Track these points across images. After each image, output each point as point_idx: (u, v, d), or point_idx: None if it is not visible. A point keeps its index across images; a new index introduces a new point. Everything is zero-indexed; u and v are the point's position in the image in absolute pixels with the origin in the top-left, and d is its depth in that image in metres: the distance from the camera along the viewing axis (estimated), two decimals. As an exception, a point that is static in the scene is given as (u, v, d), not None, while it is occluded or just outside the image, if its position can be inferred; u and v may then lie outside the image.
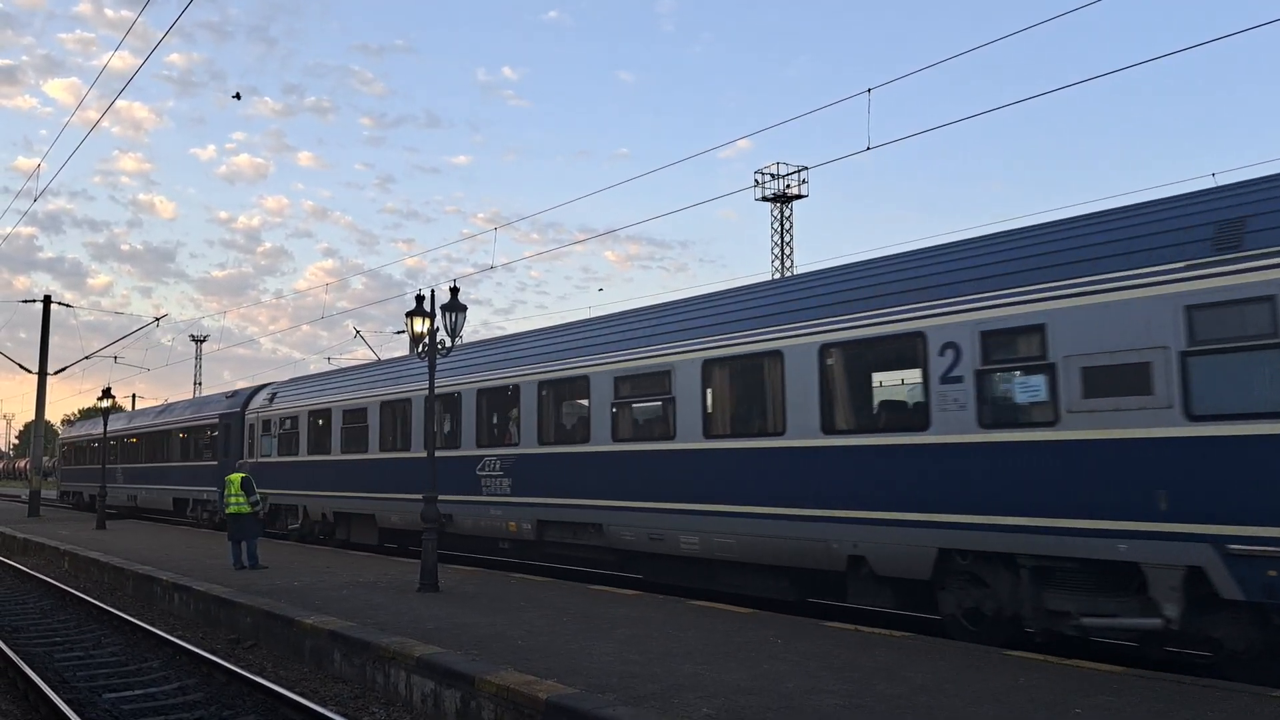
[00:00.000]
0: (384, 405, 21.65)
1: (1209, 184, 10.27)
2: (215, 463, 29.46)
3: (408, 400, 20.78)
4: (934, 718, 7.05)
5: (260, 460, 26.73)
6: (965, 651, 9.52)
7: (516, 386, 17.57)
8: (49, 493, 52.85)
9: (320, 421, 24.47)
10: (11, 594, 18.29)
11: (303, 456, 25.05)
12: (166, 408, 37.37)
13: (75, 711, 8.93)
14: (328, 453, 23.80)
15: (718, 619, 11.59)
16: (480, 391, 18.64)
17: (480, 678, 8.43)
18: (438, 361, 15.22)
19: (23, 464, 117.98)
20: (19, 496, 58.74)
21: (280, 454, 26.21)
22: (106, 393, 32.24)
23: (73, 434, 51.10)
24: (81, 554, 21.76)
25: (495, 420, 18.59)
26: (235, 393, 27.06)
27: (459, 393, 19.18)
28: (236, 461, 23.12)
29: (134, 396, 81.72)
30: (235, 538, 18.01)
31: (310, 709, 8.73)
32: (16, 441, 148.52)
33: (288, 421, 26.03)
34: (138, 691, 10.12)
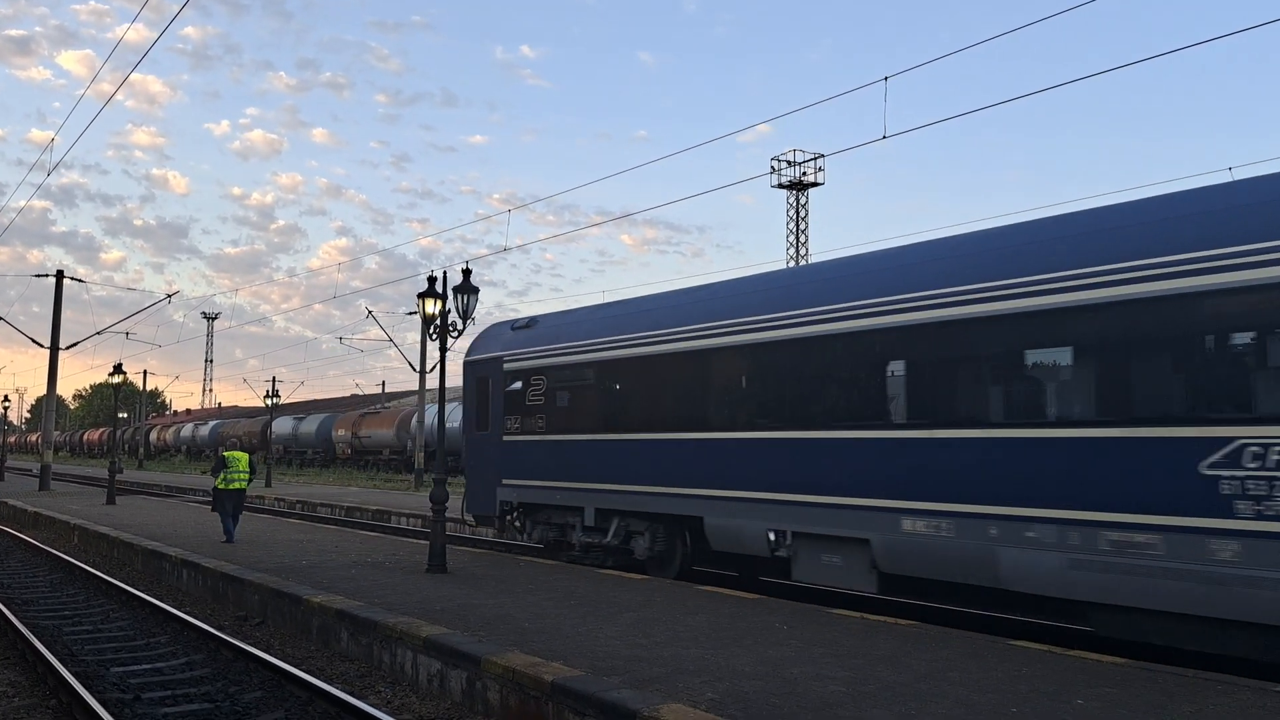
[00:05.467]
0: None
1: (1226, 178, 10.20)
2: None
3: None
4: (936, 705, 7.08)
5: None
6: (969, 640, 9.54)
7: None
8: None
9: None
10: (22, 567, 18.45)
11: None
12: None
13: (83, 684, 9.00)
14: None
15: (724, 604, 11.63)
16: None
17: (486, 659, 8.48)
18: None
19: (34, 438, 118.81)
20: (30, 470, 59.16)
21: None
22: (118, 369, 32.39)
23: (583, 347, 15.77)
24: (91, 529, 21.90)
25: None
26: None
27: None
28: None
29: (145, 373, 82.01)
30: (235, 513, 18.63)
31: (316, 686, 8.79)
32: (28, 416, 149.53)
33: None
34: (145, 666, 10.21)
